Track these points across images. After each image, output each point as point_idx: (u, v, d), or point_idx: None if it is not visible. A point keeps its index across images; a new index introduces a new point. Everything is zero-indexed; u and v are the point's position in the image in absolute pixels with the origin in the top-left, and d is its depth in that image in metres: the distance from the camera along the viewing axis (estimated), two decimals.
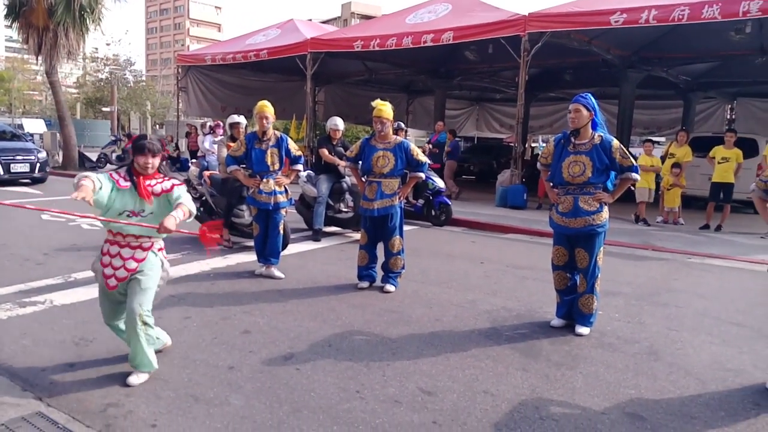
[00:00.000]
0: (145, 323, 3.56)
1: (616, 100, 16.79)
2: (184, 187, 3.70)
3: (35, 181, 14.81)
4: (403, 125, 11.28)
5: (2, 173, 13.81)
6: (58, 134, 20.87)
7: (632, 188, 17.06)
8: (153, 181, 3.63)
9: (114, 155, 20.84)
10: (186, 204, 3.53)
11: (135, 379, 3.59)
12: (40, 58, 19.29)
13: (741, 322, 5.30)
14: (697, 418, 3.46)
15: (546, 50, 12.40)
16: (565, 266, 4.87)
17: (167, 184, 3.67)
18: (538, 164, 5.06)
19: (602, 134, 4.60)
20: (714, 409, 3.58)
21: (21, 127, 31.56)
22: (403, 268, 5.98)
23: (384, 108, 5.72)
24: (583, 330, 4.74)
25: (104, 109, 37.48)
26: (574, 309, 4.82)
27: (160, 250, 3.75)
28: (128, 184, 3.57)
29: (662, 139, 23.74)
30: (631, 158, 4.61)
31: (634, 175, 4.61)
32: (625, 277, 6.85)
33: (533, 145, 27.84)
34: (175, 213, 3.44)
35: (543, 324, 5.01)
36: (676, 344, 4.68)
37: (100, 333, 4.36)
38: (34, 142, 19.13)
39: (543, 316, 5.20)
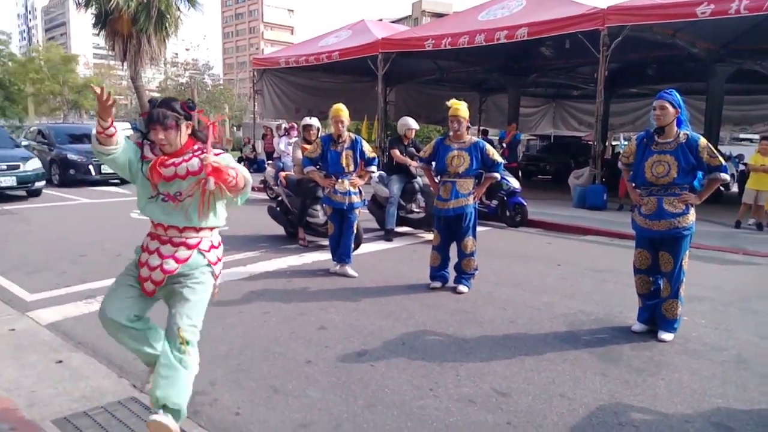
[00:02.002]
0: (186, 342, 2.68)
1: (703, 95, 15.96)
2: (227, 157, 2.76)
3: (124, 182, 15.60)
4: (468, 124, 11.18)
5: (94, 174, 14.70)
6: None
7: (721, 189, 16.27)
8: (178, 159, 2.74)
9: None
10: (241, 172, 2.70)
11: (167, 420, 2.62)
12: (125, 63, 20.41)
13: None
14: None
15: (626, 44, 11.97)
16: (648, 270, 4.70)
17: (194, 163, 2.70)
18: (620, 164, 4.91)
19: (688, 132, 4.40)
20: None
21: None
22: (476, 269, 5.94)
23: (460, 107, 5.71)
24: (666, 336, 4.56)
25: None
26: (657, 314, 4.65)
27: (212, 248, 2.87)
28: (151, 156, 2.78)
29: (756, 135, 22.44)
30: (720, 157, 4.39)
31: (723, 176, 4.39)
32: (713, 281, 6.53)
33: (614, 143, 26.92)
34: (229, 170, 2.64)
35: (623, 329, 4.85)
36: (767, 353, 4.44)
37: None
38: None
39: (623, 320, 5.04)
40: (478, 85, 24.54)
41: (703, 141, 4.37)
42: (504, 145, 13.87)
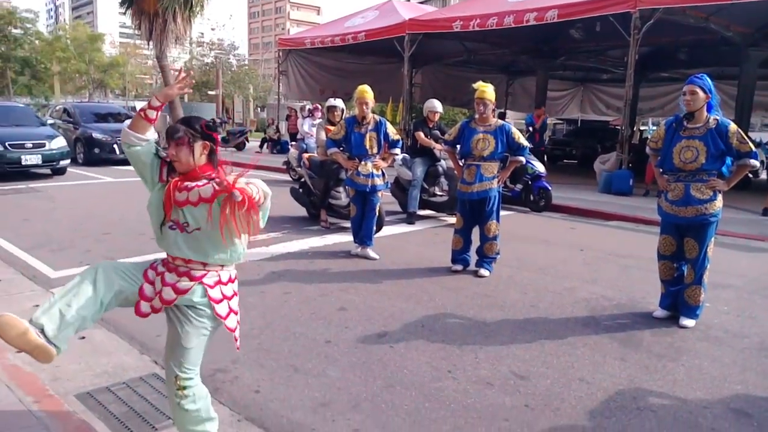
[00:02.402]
0: (183, 387, 2.48)
1: (735, 80, 15.60)
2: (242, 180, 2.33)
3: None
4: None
5: (118, 153, 14.79)
6: (167, 116, 22.13)
7: (750, 175, 15.94)
8: (191, 183, 2.45)
9: (219, 137, 21.85)
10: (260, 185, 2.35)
11: None
12: (150, 43, 20.55)
13: None
14: None
15: (658, 28, 11.71)
16: (673, 256, 4.65)
17: (207, 190, 2.38)
18: (647, 149, 4.83)
19: (718, 117, 4.31)
20: None
21: (134, 109, 33.70)
22: (498, 253, 5.92)
23: (486, 89, 5.66)
24: (687, 322, 4.52)
25: (210, 92, 39.28)
26: (679, 300, 4.61)
27: (218, 284, 2.52)
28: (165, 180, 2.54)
29: None
30: (750, 143, 4.31)
31: (753, 162, 4.30)
32: (738, 269, 6.43)
33: (642, 128, 26.45)
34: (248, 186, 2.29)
35: (645, 314, 4.82)
36: None
37: None
38: None
39: (645, 306, 5.00)
40: (505, 67, 24.24)
41: (733, 126, 4.28)
42: (536, 128, 13.65)
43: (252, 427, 2.96)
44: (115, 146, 14.86)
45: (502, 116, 19.50)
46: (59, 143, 12.62)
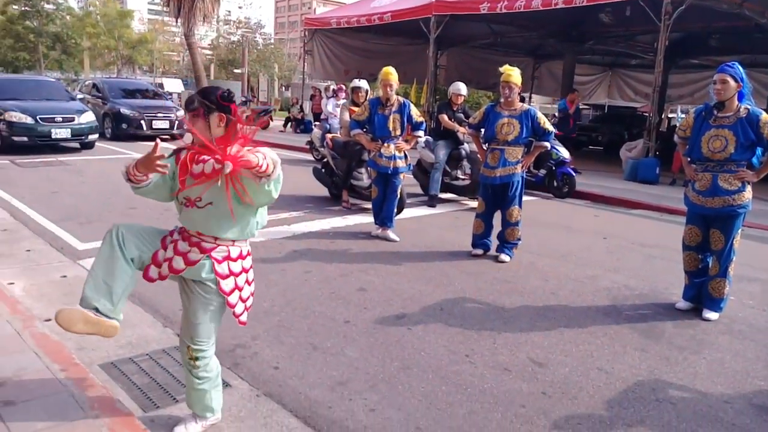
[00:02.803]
0: (195, 358, 2.57)
1: None
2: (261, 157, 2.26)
3: (173, 138, 15.92)
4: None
5: (145, 129, 15.04)
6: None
7: None
8: (207, 157, 2.31)
9: (244, 116, 21.89)
10: (268, 154, 2.30)
11: (181, 431, 2.66)
12: (178, 20, 20.63)
13: None
14: None
15: (690, 13, 11.43)
16: (698, 247, 4.58)
17: (209, 167, 2.30)
18: (676, 137, 4.74)
19: (749, 107, 4.20)
20: None
21: (161, 86, 33.83)
22: (519, 239, 5.88)
23: (512, 73, 5.58)
24: (711, 315, 4.45)
25: (236, 70, 39.40)
26: (703, 292, 4.54)
27: (227, 259, 2.50)
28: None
29: None
30: None
31: None
32: (766, 262, 6.31)
33: (671, 115, 25.96)
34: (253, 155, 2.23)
35: (667, 306, 4.76)
36: None
37: None
38: (172, 101, 20.54)
39: (668, 297, 4.94)
40: (532, 50, 23.90)
41: (764, 116, 4.17)
42: (570, 114, 13.37)
43: (270, 402, 3.00)
44: (142, 122, 15.06)
45: (522, 100, 19.27)
46: (88, 118, 12.79)
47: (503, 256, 5.80)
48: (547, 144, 5.81)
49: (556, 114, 14.26)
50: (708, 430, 2.99)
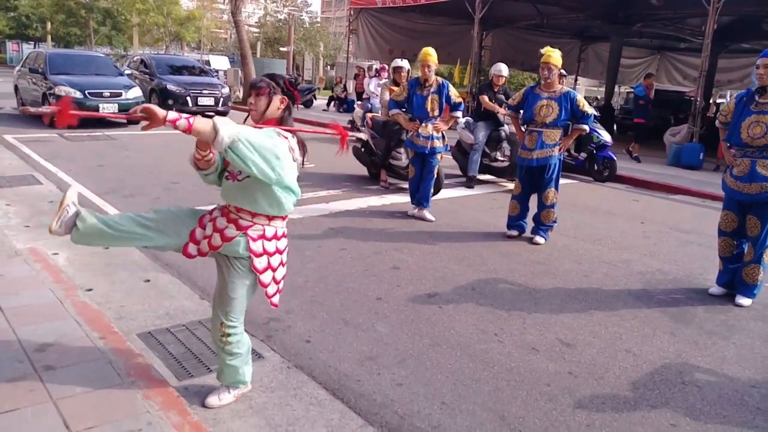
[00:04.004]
0: (227, 335, 2.66)
1: None
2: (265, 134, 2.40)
3: (219, 114, 16.18)
4: (564, 72, 10.71)
5: (190, 105, 15.25)
6: (239, 71, 22.48)
7: None
8: None
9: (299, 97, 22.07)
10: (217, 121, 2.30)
11: (214, 400, 2.75)
12: None
13: None
14: None
15: None
16: (733, 233, 4.54)
17: None
18: (717, 122, 4.67)
19: None
20: None
21: (208, 63, 34.25)
22: (554, 221, 5.88)
23: (552, 54, 5.55)
24: (744, 301, 4.42)
25: (282, 49, 39.59)
26: (737, 278, 4.50)
27: (261, 238, 2.59)
28: None
29: None
30: None
31: None
32: None
33: (719, 101, 25.11)
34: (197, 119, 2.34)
35: (701, 291, 4.74)
36: None
37: None
38: (218, 78, 20.82)
39: (702, 282, 4.90)
40: (579, 32, 23.39)
41: None
42: (650, 99, 12.82)
43: (300, 374, 3.10)
44: (188, 98, 15.29)
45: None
46: (135, 93, 13.05)
47: (538, 238, 5.81)
48: (586, 127, 5.76)
49: (628, 99, 13.48)
50: (732, 413, 3.01)
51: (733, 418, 2.97)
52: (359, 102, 14.17)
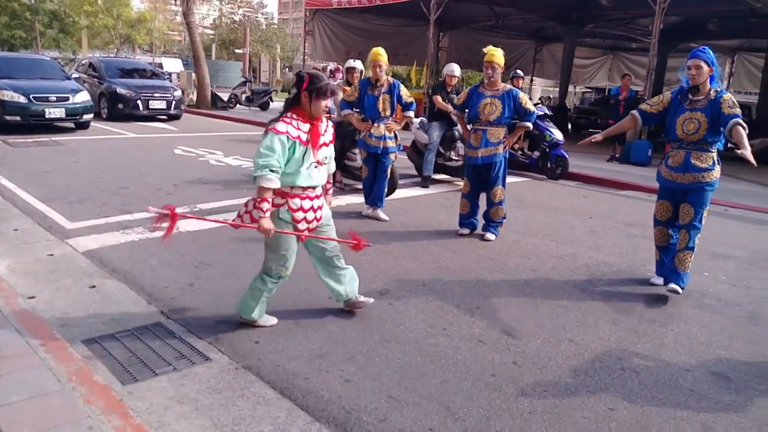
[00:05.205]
0: (261, 277, 3.59)
1: (764, 53, 15.28)
2: (266, 138, 3.29)
3: (171, 118, 15.83)
4: (521, 73, 10.92)
5: (141, 109, 14.87)
6: (193, 74, 22.14)
7: None
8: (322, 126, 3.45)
9: (244, 96, 21.83)
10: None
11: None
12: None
13: None
14: None
15: None
16: (668, 222, 4.71)
17: (328, 136, 3.50)
18: (640, 106, 4.79)
19: (718, 89, 4.33)
20: None
21: (160, 66, 33.42)
22: (504, 217, 6.00)
23: (496, 53, 5.66)
24: (674, 287, 4.47)
25: (237, 51, 39.22)
26: (668, 266, 4.63)
27: (285, 206, 3.40)
28: (306, 137, 3.30)
29: None
30: (738, 108, 4.23)
31: (740, 120, 4.15)
32: (742, 241, 6.46)
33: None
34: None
35: (643, 281, 4.91)
36: None
37: (218, 258, 4.86)
38: (171, 81, 20.45)
39: (645, 273, 5.07)
40: (534, 33, 23.86)
41: (727, 95, 4.29)
42: (620, 100, 12.95)
43: (248, 374, 3.09)
44: (138, 102, 14.90)
45: (505, 81, 19.13)
46: (83, 97, 12.69)
47: (488, 235, 5.92)
48: (529, 124, 5.87)
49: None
50: (667, 395, 3.14)
51: (667, 400, 3.09)
52: None
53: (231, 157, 10.27)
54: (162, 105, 15.40)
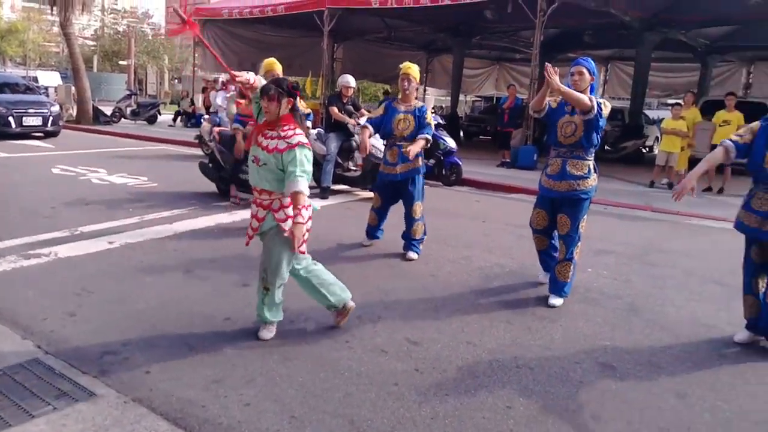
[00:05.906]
0: (266, 288, 3.72)
1: (633, 62, 16.63)
2: (302, 152, 3.44)
3: (48, 135, 14.76)
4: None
5: (14, 126, 13.71)
6: (72, 87, 20.87)
7: (643, 150, 16.92)
8: (275, 133, 3.44)
9: (129, 110, 20.88)
10: (298, 186, 3.53)
11: (266, 333, 3.77)
12: (54, 9, 19.31)
13: (725, 282, 5.37)
14: (663, 368, 3.65)
15: (564, 11, 12.25)
16: (544, 231, 4.84)
17: (281, 144, 3.41)
18: (530, 110, 4.98)
19: (594, 97, 4.50)
20: (681, 360, 3.77)
21: (35, 79, 31.29)
22: (425, 233, 5.88)
23: (412, 66, 5.62)
24: (555, 300, 4.58)
25: (121, 62, 37.49)
26: (550, 278, 4.75)
27: (282, 208, 3.65)
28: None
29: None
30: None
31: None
32: (621, 237, 6.95)
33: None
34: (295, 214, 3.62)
35: (534, 281, 5.14)
36: (657, 301, 4.84)
37: (102, 285, 4.54)
38: (48, 95, 19.19)
39: (534, 273, 5.28)
40: (425, 45, 24.53)
41: (603, 100, 4.53)
42: (504, 108, 13.58)
43: (139, 407, 2.90)
44: (10, 119, 13.73)
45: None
46: None
47: (411, 254, 5.74)
48: (428, 136, 5.74)
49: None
50: (558, 389, 3.30)
51: (559, 393, 3.25)
52: (206, 116, 13.75)
53: (115, 175, 9.66)
54: (37, 122, 14.33)
